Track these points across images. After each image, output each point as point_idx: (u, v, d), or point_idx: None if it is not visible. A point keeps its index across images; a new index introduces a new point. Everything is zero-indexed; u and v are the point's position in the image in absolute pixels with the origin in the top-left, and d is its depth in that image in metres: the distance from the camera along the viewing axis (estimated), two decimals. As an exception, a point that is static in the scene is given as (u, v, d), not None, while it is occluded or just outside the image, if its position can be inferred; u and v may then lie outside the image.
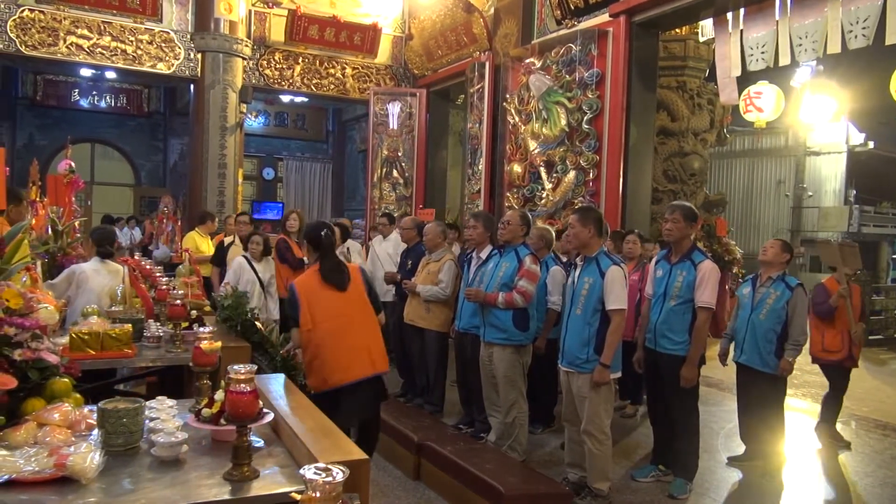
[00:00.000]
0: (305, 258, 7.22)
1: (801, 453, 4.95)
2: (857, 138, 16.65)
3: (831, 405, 5.27)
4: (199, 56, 9.63)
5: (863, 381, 8.10)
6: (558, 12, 7.44)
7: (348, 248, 6.88)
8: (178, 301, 3.20)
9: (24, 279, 2.69)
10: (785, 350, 4.30)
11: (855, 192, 17.13)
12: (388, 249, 6.73)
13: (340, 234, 6.87)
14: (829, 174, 17.06)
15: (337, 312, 3.36)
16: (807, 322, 4.40)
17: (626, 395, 5.75)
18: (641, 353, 4.23)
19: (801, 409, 6.18)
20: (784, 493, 4.23)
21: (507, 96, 7.97)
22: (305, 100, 13.44)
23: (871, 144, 16.76)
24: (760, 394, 4.40)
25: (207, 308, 4.27)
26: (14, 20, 8.65)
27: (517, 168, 7.73)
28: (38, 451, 1.72)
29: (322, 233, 3.49)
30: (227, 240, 6.97)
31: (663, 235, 4.17)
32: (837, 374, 5.19)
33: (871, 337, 10.96)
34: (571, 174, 6.95)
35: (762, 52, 5.81)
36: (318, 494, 1.22)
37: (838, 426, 5.33)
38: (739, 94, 9.28)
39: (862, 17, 4.96)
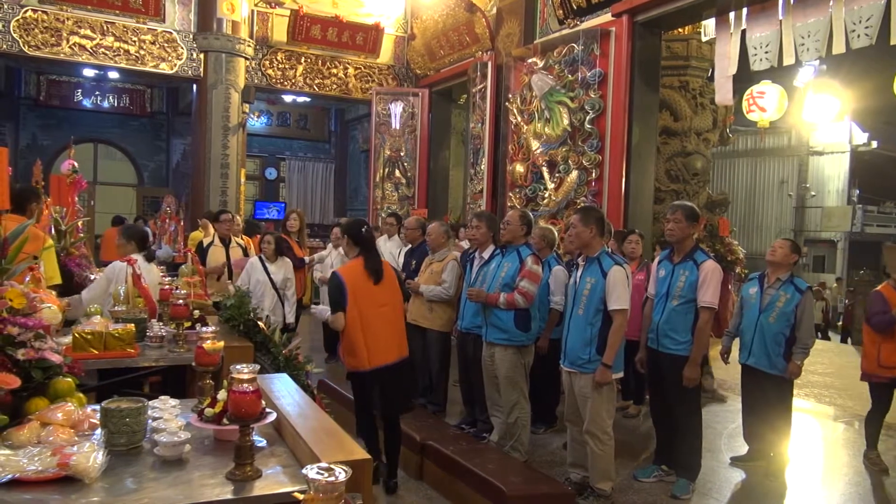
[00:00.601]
0: (306, 258, 7.27)
1: (804, 454, 4.94)
2: (861, 138, 16.64)
3: (875, 425, 4.79)
4: (201, 56, 9.64)
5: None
6: (560, 12, 7.44)
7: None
8: (181, 301, 3.21)
9: (27, 279, 2.69)
10: (793, 353, 4.28)
11: (858, 191, 17.12)
12: (391, 249, 6.75)
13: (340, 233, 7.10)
14: (833, 174, 17.04)
15: (380, 302, 3.73)
16: (814, 325, 4.36)
17: (629, 396, 5.75)
18: (644, 353, 4.23)
19: (804, 409, 6.17)
20: (787, 494, 4.22)
21: (510, 96, 7.97)
22: (308, 100, 13.46)
23: (874, 144, 16.75)
24: (766, 395, 4.39)
25: (210, 308, 4.28)
26: (17, 20, 8.67)
27: (519, 168, 7.72)
28: (41, 450, 1.72)
29: (363, 229, 3.81)
30: (206, 240, 6.68)
31: (665, 235, 4.16)
32: (887, 393, 4.69)
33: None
34: (574, 174, 6.95)
35: (766, 52, 5.80)
36: (320, 494, 1.22)
37: (841, 427, 5.31)
38: (742, 93, 9.28)
39: (865, 17, 4.95)
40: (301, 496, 1.26)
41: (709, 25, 7.49)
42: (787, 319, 4.29)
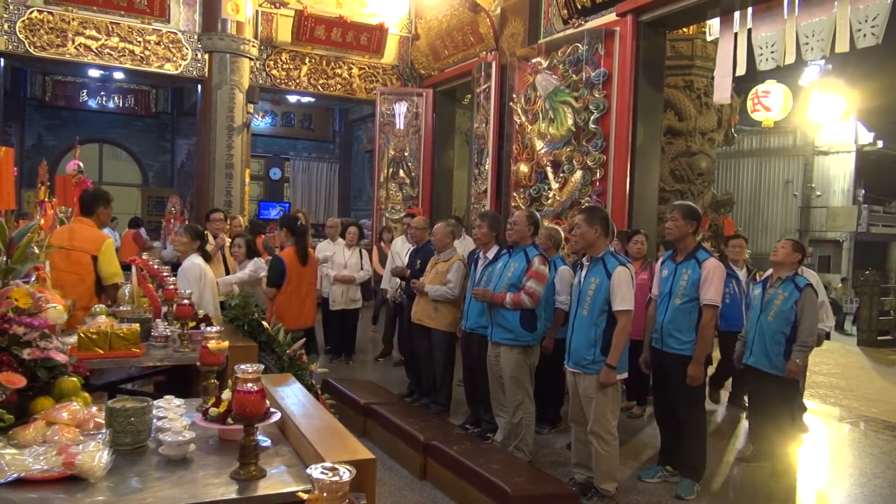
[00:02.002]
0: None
1: (809, 454, 4.93)
2: (866, 137, 16.57)
3: None
4: (206, 56, 9.67)
5: (872, 381, 8.07)
6: (565, 12, 7.43)
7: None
8: (186, 301, 3.21)
9: (33, 279, 2.70)
10: (793, 352, 4.25)
11: (864, 191, 17.05)
12: (400, 249, 6.82)
13: (356, 234, 7.27)
14: (838, 174, 16.98)
15: (306, 280, 5.01)
16: (816, 323, 4.33)
17: (633, 396, 5.74)
18: (647, 353, 4.22)
19: (809, 409, 6.14)
20: (792, 495, 4.21)
21: (514, 96, 7.96)
22: (312, 100, 13.48)
23: (880, 144, 16.68)
24: (769, 395, 4.37)
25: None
26: (23, 21, 8.71)
27: (524, 168, 7.72)
28: (46, 449, 1.72)
29: (298, 223, 5.02)
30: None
31: (665, 235, 4.16)
32: None
33: (880, 338, 10.91)
34: (578, 174, 6.94)
35: (772, 52, 5.78)
36: (324, 494, 1.22)
37: (847, 427, 5.29)
38: (747, 93, 9.25)
39: (871, 16, 4.92)
40: (305, 496, 1.26)
41: (713, 25, 7.47)
42: (785, 318, 4.24)
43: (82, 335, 2.90)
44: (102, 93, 15.76)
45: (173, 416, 2.05)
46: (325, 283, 7.27)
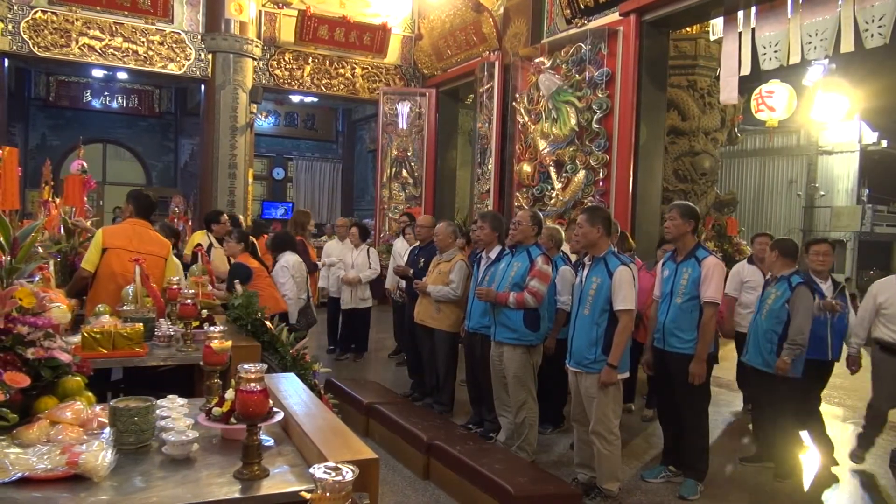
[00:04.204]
0: (319, 262, 7.32)
1: (813, 455, 4.91)
2: (870, 137, 16.51)
3: None
4: (209, 57, 9.68)
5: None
6: (568, 11, 7.43)
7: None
8: (189, 300, 3.21)
9: (37, 278, 2.71)
10: (782, 350, 4.17)
11: (868, 191, 16.98)
12: (400, 249, 6.83)
13: (359, 233, 7.24)
14: (842, 173, 16.91)
15: (265, 275, 5.37)
16: (807, 322, 4.16)
17: (631, 398, 5.69)
18: (650, 354, 4.21)
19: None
20: (796, 495, 4.20)
21: (517, 96, 7.96)
22: (315, 100, 13.48)
23: (884, 143, 16.61)
24: (769, 395, 4.36)
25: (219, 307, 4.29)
26: (27, 21, 8.73)
27: (527, 168, 7.71)
28: (50, 448, 1.73)
29: (250, 236, 5.61)
30: (204, 242, 6.49)
31: (665, 234, 4.16)
32: None
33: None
34: (581, 174, 6.94)
35: (775, 51, 5.77)
36: (327, 493, 1.22)
37: (850, 428, 5.28)
38: (751, 92, 9.24)
39: (877, 16, 4.90)
40: (308, 495, 1.26)
41: (717, 24, 7.47)
42: (776, 316, 4.21)
43: (86, 335, 2.91)
44: (106, 93, 15.79)
45: (177, 415, 2.06)
46: (333, 283, 7.28)
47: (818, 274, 4.60)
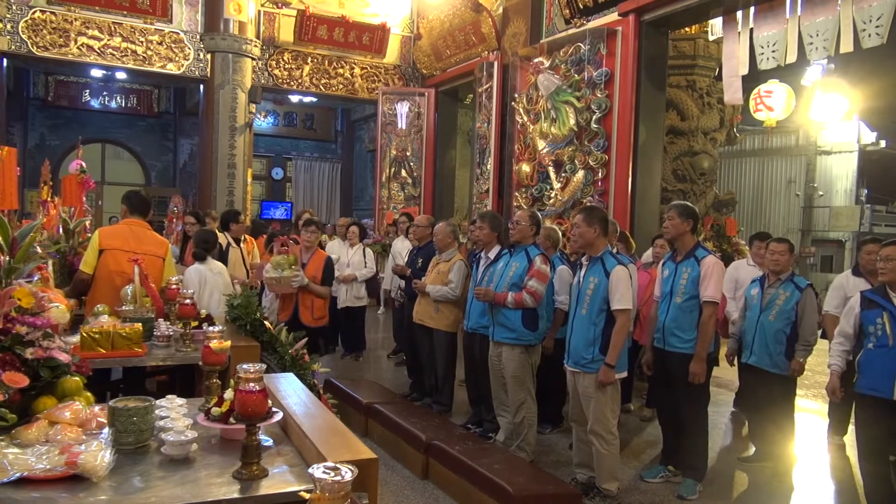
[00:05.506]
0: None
1: (811, 455, 4.92)
2: (869, 137, 16.53)
3: None
4: (208, 56, 9.68)
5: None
6: (567, 11, 7.43)
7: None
8: (188, 300, 3.21)
9: (35, 278, 2.71)
10: (796, 351, 4.27)
11: (867, 191, 17.01)
12: (400, 248, 6.84)
13: (359, 233, 7.26)
14: (841, 173, 16.93)
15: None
16: (816, 322, 4.34)
17: (629, 398, 5.70)
18: (650, 354, 4.22)
19: (810, 409, 6.13)
20: (794, 495, 4.20)
21: (516, 96, 7.96)
22: (314, 100, 13.49)
23: (882, 143, 16.63)
24: (770, 395, 4.37)
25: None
26: (26, 21, 8.73)
27: (526, 168, 7.72)
28: (49, 448, 1.73)
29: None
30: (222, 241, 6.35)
31: (663, 234, 4.17)
32: None
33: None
34: (580, 174, 6.94)
35: (773, 51, 5.77)
36: (326, 493, 1.22)
37: (849, 428, 5.27)
38: (749, 92, 9.24)
39: (875, 16, 4.91)
40: (307, 495, 1.26)
41: (716, 24, 7.47)
42: (787, 317, 4.27)
43: (85, 335, 2.91)
44: (105, 93, 15.79)
45: (176, 415, 2.06)
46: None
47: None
